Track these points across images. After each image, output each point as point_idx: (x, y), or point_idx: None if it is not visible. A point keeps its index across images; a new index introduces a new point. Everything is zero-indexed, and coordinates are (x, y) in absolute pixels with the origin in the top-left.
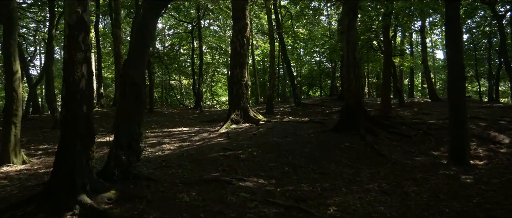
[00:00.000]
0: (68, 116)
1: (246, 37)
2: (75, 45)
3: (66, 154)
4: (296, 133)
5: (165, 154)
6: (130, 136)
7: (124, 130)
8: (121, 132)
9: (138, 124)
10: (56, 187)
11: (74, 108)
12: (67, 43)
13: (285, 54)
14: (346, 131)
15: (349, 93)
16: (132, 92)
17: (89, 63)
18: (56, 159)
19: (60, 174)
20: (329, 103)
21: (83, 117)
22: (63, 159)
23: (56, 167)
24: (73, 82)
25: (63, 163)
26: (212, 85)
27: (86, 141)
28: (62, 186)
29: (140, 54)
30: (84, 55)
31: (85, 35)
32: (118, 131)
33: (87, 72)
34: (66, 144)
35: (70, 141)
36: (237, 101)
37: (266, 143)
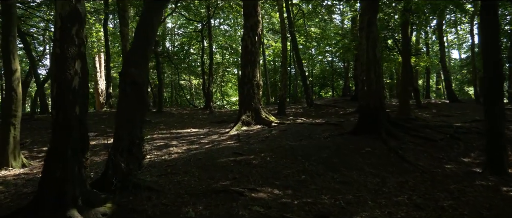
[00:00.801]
0: (59, 118)
1: (258, 34)
2: (67, 38)
3: (56, 161)
4: (311, 135)
5: (172, 158)
6: (131, 141)
7: (124, 134)
8: (121, 136)
9: (139, 127)
10: (43, 200)
11: (66, 109)
12: (58, 37)
13: (297, 53)
14: (366, 134)
15: (369, 94)
16: (133, 93)
17: (83, 59)
18: (44, 167)
19: (48, 185)
20: (342, 104)
21: (76, 120)
22: (51, 168)
23: (43, 177)
24: (65, 80)
25: (52, 172)
26: (222, 85)
27: (78, 146)
28: (50, 198)
29: (142, 51)
30: (77, 50)
31: (79, 28)
32: (117, 135)
33: (81, 69)
34: (56, 150)
35: (60, 146)
36: (248, 102)
37: (280, 147)
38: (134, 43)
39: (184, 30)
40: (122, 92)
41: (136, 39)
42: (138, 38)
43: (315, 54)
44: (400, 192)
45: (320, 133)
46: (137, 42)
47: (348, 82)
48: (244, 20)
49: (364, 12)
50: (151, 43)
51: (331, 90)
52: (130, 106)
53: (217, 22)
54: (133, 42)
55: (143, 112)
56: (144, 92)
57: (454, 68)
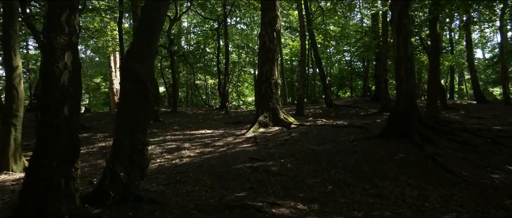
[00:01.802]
0: (45, 120)
1: (276, 30)
2: (55, 26)
3: (38, 171)
4: (334, 139)
5: (183, 162)
6: (132, 146)
7: (125, 139)
8: (121, 141)
9: (143, 130)
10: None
11: (52, 110)
12: (46, 24)
13: (316, 52)
14: (396, 138)
15: (399, 93)
16: (135, 91)
17: (74, 51)
18: (25, 179)
19: (30, 200)
20: (362, 104)
21: (64, 122)
22: (33, 179)
23: (24, 190)
24: (52, 75)
25: (34, 185)
26: (238, 85)
27: (67, 154)
28: (32, 216)
29: (147, 43)
30: (67, 40)
31: (70, 14)
32: (117, 139)
33: (72, 62)
34: (40, 158)
35: (45, 154)
36: (265, 102)
37: (301, 151)
38: (137, 34)
39: (199, 29)
40: (123, 90)
41: (140, 29)
42: (143, 29)
43: (333, 53)
44: (445, 209)
45: (344, 136)
46: (141, 32)
47: (368, 82)
48: (261, 15)
49: (394, 3)
50: (157, 33)
51: (349, 91)
52: (132, 106)
53: (233, 20)
54: (136, 33)
55: (147, 113)
56: (148, 91)
57: (478, 67)
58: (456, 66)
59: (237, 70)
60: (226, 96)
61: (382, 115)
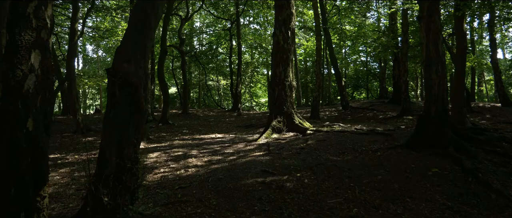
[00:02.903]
0: (3, 138)
1: (291, 29)
2: (20, 19)
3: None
4: (355, 147)
5: (188, 173)
6: (120, 165)
7: (112, 155)
8: (107, 159)
9: (134, 145)
10: None
11: (11, 124)
12: (9, 18)
13: (331, 52)
14: (427, 148)
15: (429, 98)
16: (125, 98)
17: (44, 51)
18: None
19: None
20: (380, 107)
21: (27, 140)
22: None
23: None
24: (14, 80)
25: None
26: (251, 86)
27: (29, 181)
28: None
29: (139, 39)
30: (35, 37)
31: (40, 5)
32: (102, 157)
33: (40, 64)
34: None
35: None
36: (279, 105)
37: (320, 163)
38: (128, 28)
39: (213, 29)
40: (111, 97)
41: (131, 22)
42: (135, 21)
43: (348, 54)
44: None
45: (366, 145)
46: (132, 26)
47: (385, 84)
48: (275, 13)
49: None
50: (151, 28)
51: (365, 92)
52: (121, 117)
53: (246, 20)
54: (128, 27)
55: (139, 124)
56: (140, 97)
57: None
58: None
59: (250, 71)
60: (239, 98)
61: (402, 118)
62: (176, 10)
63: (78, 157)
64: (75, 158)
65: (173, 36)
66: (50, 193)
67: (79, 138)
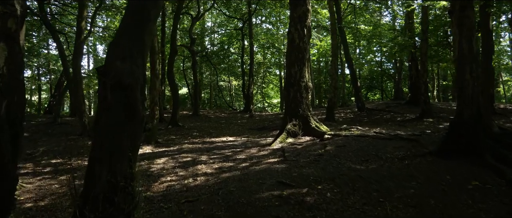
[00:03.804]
0: None
1: (307, 26)
2: None
3: None
4: (379, 154)
5: (197, 183)
6: (112, 183)
7: (102, 170)
8: (96, 175)
9: (128, 158)
10: None
11: None
12: None
13: (346, 52)
14: (460, 156)
15: (461, 100)
16: (119, 102)
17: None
18: None
19: None
20: (396, 108)
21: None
22: None
23: None
24: None
25: None
26: (263, 86)
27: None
28: None
29: (137, 33)
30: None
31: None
32: (90, 174)
33: (6, 61)
34: None
35: None
36: (294, 107)
37: (342, 174)
38: (123, 20)
39: (223, 28)
40: (102, 101)
41: (127, 15)
42: (131, 11)
43: (363, 54)
44: None
45: (391, 151)
46: (128, 19)
47: (401, 84)
48: (290, 10)
49: None
50: (150, 21)
51: (379, 93)
52: (114, 124)
53: (258, 19)
54: (123, 19)
55: (136, 134)
56: (137, 101)
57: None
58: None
59: (262, 71)
60: (251, 99)
61: (422, 121)
62: (187, 9)
63: (81, 163)
64: (78, 163)
65: (184, 35)
66: (45, 204)
67: (84, 141)
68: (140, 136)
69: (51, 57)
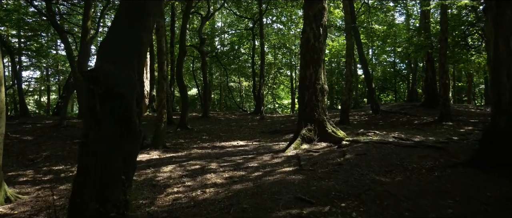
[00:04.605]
0: None
1: (323, 25)
2: None
3: None
4: (404, 165)
5: (205, 197)
6: (102, 213)
7: (90, 197)
8: (82, 202)
9: (122, 182)
10: None
11: None
12: None
13: (361, 52)
14: (497, 168)
15: (497, 106)
16: (110, 114)
17: None
18: None
19: None
20: (412, 110)
21: None
22: None
23: None
24: None
25: None
26: (274, 87)
27: None
28: None
29: (133, 30)
30: None
31: None
32: (75, 201)
33: None
34: None
35: None
36: (309, 112)
37: (368, 189)
38: (117, 15)
39: (234, 28)
40: (90, 113)
41: (121, 7)
42: (126, 7)
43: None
44: None
45: (417, 161)
46: (123, 12)
47: (415, 86)
48: (305, 8)
49: None
50: (149, 13)
51: (392, 94)
52: (104, 142)
53: (269, 19)
54: (116, 14)
55: (131, 152)
56: (133, 113)
57: None
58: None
59: (273, 72)
60: (261, 100)
61: (441, 124)
62: (197, 8)
63: None
64: None
65: (194, 36)
66: None
67: None
68: (135, 154)
69: (59, 58)
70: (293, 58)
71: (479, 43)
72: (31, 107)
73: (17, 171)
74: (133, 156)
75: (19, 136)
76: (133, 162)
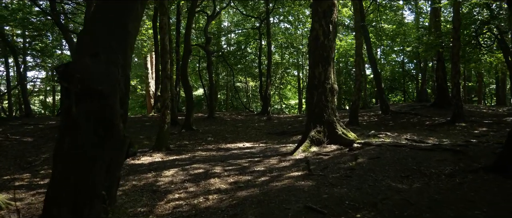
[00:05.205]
0: None
1: (333, 22)
2: None
3: None
4: (422, 170)
5: (208, 205)
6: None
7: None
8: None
9: (103, 198)
10: None
11: None
12: None
13: (370, 51)
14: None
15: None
16: (89, 117)
17: None
18: None
19: None
20: (422, 111)
21: None
22: None
23: None
24: None
25: None
26: (281, 87)
27: None
28: None
29: (116, 17)
30: None
31: None
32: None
33: None
34: None
35: None
36: (319, 112)
37: (385, 197)
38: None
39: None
40: (65, 116)
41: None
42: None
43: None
44: None
45: (435, 166)
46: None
47: (425, 86)
48: (313, 4)
49: None
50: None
51: (401, 94)
52: (81, 149)
53: (276, 18)
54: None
55: (114, 161)
56: (115, 115)
57: None
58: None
59: (280, 71)
60: (268, 100)
61: (454, 125)
62: (203, 7)
63: None
64: None
65: (200, 35)
66: None
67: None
68: (119, 165)
69: (64, 58)
70: (301, 58)
71: (491, 42)
72: (36, 107)
73: (14, 175)
74: (116, 167)
75: (19, 138)
76: (115, 174)
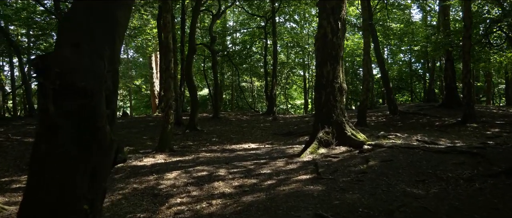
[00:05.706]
0: None
1: (341, 19)
2: None
3: None
4: (438, 174)
5: (211, 210)
6: None
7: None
8: None
9: (85, 213)
10: None
11: None
12: None
13: (377, 51)
14: None
15: None
16: (70, 118)
17: None
18: None
19: None
20: (431, 111)
21: None
22: None
23: None
24: None
25: None
26: (287, 87)
27: None
28: None
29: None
30: None
31: None
32: None
33: None
34: None
35: None
36: (327, 113)
37: (401, 204)
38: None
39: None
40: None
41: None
42: None
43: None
44: None
45: (451, 169)
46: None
47: (433, 86)
48: (321, 1)
49: None
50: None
51: (408, 94)
52: (60, 158)
53: (282, 17)
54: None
55: (99, 173)
56: (101, 116)
57: None
58: None
59: (286, 71)
60: (274, 100)
61: (466, 126)
62: (207, 6)
63: None
64: None
65: (205, 35)
66: None
67: None
68: (105, 173)
69: None
70: (307, 58)
71: (502, 42)
72: None
73: (12, 177)
74: (101, 177)
75: (20, 138)
76: (101, 184)
